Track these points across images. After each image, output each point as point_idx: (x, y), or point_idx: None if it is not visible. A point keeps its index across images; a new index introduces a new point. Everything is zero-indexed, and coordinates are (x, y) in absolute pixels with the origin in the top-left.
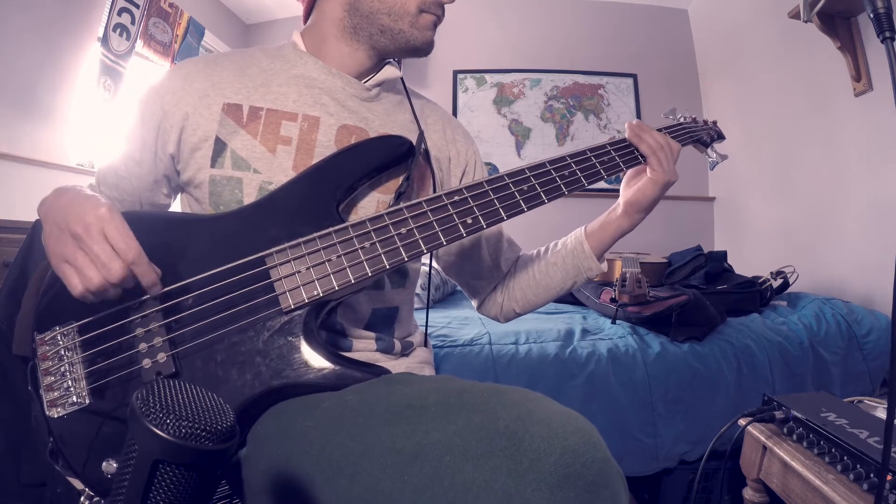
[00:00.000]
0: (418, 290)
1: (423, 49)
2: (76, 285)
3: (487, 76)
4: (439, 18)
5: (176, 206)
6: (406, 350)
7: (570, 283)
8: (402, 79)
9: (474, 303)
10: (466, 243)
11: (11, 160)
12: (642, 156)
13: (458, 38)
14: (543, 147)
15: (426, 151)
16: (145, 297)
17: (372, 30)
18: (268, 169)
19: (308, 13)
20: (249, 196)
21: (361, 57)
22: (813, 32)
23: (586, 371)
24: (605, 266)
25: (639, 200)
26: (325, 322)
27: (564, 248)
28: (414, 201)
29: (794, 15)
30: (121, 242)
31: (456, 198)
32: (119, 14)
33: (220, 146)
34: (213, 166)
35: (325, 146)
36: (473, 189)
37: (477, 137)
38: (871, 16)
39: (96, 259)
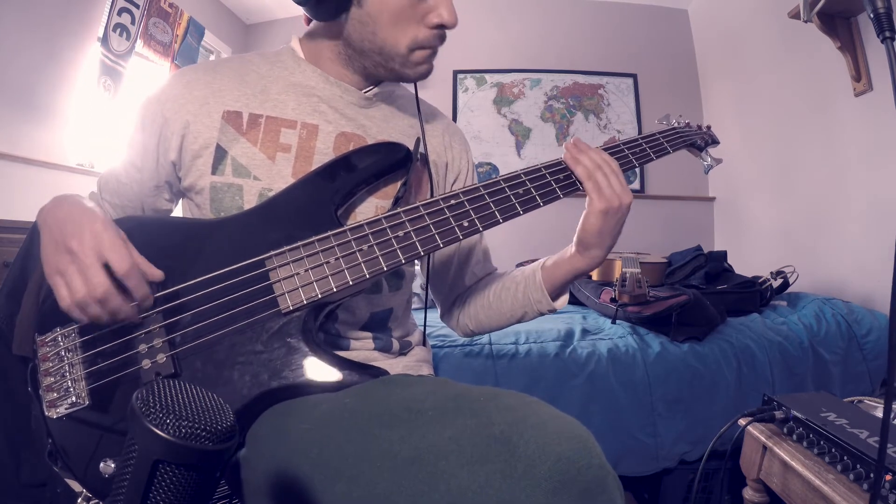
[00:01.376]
0: (418, 289)
1: (416, 81)
2: (63, 297)
3: (487, 76)
4: (437, 47)
5: (177, 211)
6: (404, 349)
7: (521, 312)
8: (415, 87)
9: (439, 310)
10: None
11: (11, 160)
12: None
13: (458, 38)
14: (543, 147)
15: (424, 156)
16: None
17: (366, 63)
18: (267, 176)
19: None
20: (250, 203)
21: (358, 78)
22: (813, 32)
23: (586, 371)
24: (559, 303)
25: (583, 239)
26: (323, 325)
27: (522, 275)
28: (411, 205)
29: (794, 15)
30: (113, 256)
31: (452, 201)
32: (119, 14)
33: (220, 153)
34: (213, 173)
35: (324, 153)
36: (470, 193)
37: (477, 137)
38: (871, 16)
39: (84, 272)
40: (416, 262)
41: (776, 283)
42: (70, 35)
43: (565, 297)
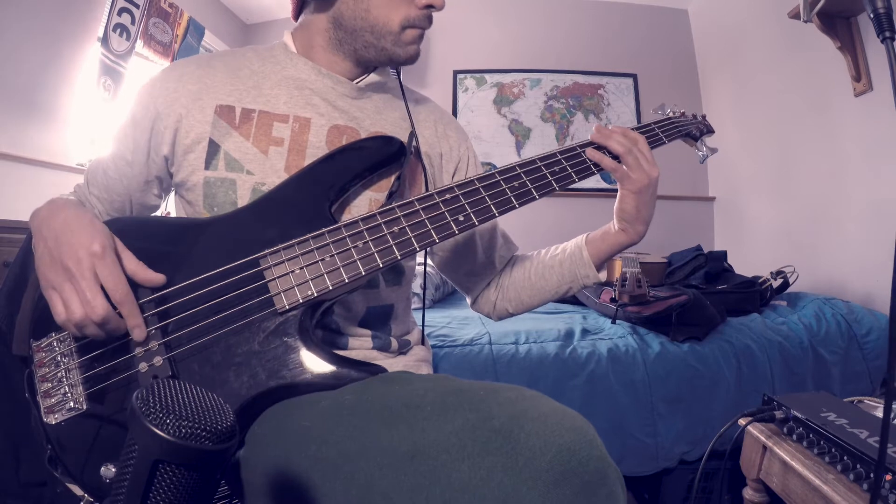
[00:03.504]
0: (416, 289)
1: (406, 62)
2: (59, 313)
3: (487, 76)
4: (426, 29)
5: (169, 208)
6: (403, 348)
7: (566, 287)
8: (398, 75)
9: (468, 300)
10: (460, 240)
11: (13, 160)
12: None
13: (458, 38)
14: (543, 147)
15: (417, 149)
16: (141, 301)
17: (356, 45)
18: (260, 170)
19: (298, 13)
20: (243, 197)
21: (349, 65)
22: (813, 32)
23: (586, 371)
24: (603, 275)
25: (624, 217)
26: (320, 321)
27: (563, 252)
28: (405, 200)
29: (794, 15)
30: (110, 282)
31: (447, 196)
32: (119, 14)
33: (213, 148)
34: (206, 168)
35: (317, 147)
36: (465, 187)
37: (477, 137)
38: (871, 16)
39: (82, 294)
40: (414, 258)
41: (776, 283)
42: (70, 36)
43: (605, 271)
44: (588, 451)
